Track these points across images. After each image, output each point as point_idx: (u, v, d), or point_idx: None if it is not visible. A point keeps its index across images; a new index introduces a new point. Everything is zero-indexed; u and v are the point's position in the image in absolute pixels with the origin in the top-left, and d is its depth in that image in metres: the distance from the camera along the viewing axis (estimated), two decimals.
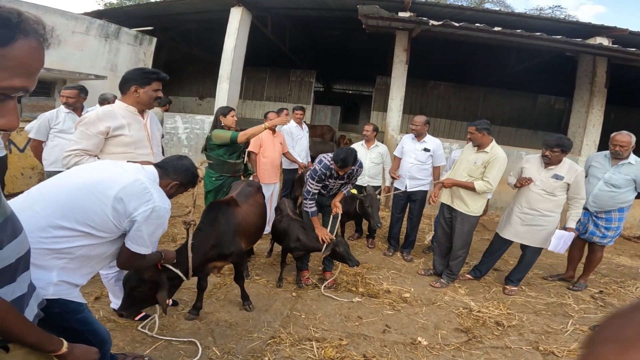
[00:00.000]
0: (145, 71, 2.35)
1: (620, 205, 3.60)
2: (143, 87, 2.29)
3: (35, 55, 0.81)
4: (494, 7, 15.61)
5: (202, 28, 10.34)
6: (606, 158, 3.68)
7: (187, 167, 1.84)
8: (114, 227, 1.47)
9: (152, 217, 1.50)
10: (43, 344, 1.09)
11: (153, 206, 1.50)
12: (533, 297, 3.63)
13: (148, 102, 2.35)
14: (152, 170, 1.70)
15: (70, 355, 1.15)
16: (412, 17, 5.94)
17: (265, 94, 12.84)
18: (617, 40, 6.37)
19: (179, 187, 1.82)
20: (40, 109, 6.29)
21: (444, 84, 11.90)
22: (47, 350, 1.10)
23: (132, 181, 1.50)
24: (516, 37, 5.67)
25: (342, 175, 3.36)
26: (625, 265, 4.83)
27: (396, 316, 3.07)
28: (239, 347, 2.46)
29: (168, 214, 1.59)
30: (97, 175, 1.51)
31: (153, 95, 2.33)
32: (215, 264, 2.59)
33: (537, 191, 3.44)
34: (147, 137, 2.42)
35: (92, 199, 1.42)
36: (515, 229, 3.57)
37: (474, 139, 3.60)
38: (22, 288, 1.07)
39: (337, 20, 9.03)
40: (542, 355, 2.69)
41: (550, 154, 3.32)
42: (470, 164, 3.58)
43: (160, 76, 2.34)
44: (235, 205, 2.74)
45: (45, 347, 1.09)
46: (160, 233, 1.62)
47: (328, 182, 3.44)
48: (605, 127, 6.70)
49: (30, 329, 1.06)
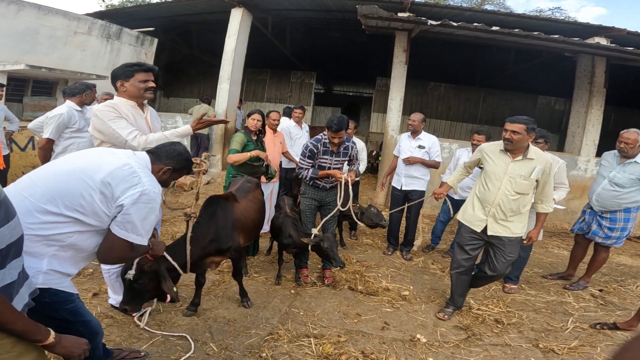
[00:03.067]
0: (126, 65, 2.34)
1: (626, 205, 3.55)
2: (127, 80, 2.29)
3: None
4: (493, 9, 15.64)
5: (203, 29, 10.39)
6: (615, 156, 3.64)
7: (179, 152, 1.81)
8: (103, 214, 1.43)
9: (141, 201, 1.46)
10: (29, 332, 1.07)
11: (142, 190, 1.47)
12: (533, 295, 3.62)
13: (138, 94, 2.33)
14: (143, 156, 1.68)
15: (57, 346, 1.13)
16: (410, 17, 5.96)
17: (266, 95, 12.87)
18: (616, 40, 6.39)
19: (173, 173, 1.79)
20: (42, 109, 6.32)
21: (444, 85, 11.91)
22: (33, 339, 1.08)
23: (121, 165, 1.48)
24: (514, 36, 5.69)
25: (338, 152, 3.27)
26: (625, 265, 4.82)
27: (395, 313, 3.06)
28: (237, 343, 2.45)
29: (159, 198, 1.56)
30: (86, 160, 1.49)
31: (141, 87, 2.30)
32: (213, 259, 2.59)
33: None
34: (148, 130, 2.45)
35: (80, 183, 1.40)
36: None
37: (519, 141, 2.72)
38: (12, 275, 1.06)
39: (338, 22, 9.06)
40: (542, 352, 2.67)
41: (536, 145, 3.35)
42: (516, 177, 2.75)
43: (144, 67, 2.32)
44: (234, 201, 2.74)
45: (31, 336, 1.08)
46: (153, 220, 1.57)
47: (323, 160, 3.31)
48: (606, 128, 6.70)
49: (17, 317, 1.05)
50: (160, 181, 1.67)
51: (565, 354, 2.66)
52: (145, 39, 8.65)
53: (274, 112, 4.43)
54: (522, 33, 5.50)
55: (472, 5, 16.53)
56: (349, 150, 3.34)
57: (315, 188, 3.44)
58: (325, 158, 3.31)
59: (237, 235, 2.66)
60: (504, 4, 18.08)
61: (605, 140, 6.76)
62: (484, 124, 11.79)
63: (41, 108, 6.47)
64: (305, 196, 3.49)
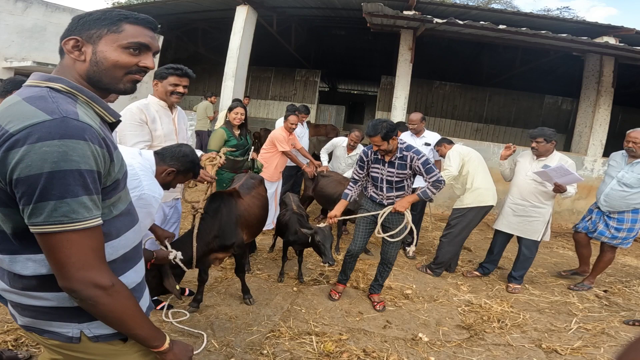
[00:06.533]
0: (166, 66, 2.41)
1: (634, 206, 3.53)
2: (161, 80, 2.39)
3: None
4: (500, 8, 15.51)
5: (209, 27, 10.41)
6: (623, 157, 3.63)
7: (185, 153, 1.77)
8: None
9: (136, 205, 1.40)
10: (152, 338, 1.01)
11: (139, 194, 1.44)
12: (537, 295, 3.59)
13: (164, 96, 2.42)
14: (149, 156, 1.67)
15: (169, 353, 1.06)
16: (416, 15, 5.92)
17: (270, 93, 12.88)
18: (625, 40, 6.31)
19: (177, 175, 1.75)
20: None
21: (449, 84, 11.84)
22: (152, 345, 1.02)
23: None
24: (522, 35, 5.64)
25: (391, 161, 2.83)
26: (630, 265, 4.77)
27: (397, 312, 3.05)
28: (238, 339, 2.46)
29: (157, 203, 1.53)
30: None
31: (169, 90, 2.39)
32: (216, 255, 2.59)
33: (529, 181, 3.52)
34: (174, 132, 2.51)
35: None
36: (508, 219, 3.65)
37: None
38: (139, 276, 1.11)
39: (343, 20, 9.03)
40: (545, 353, 2.65)
41: (537, 145, 3.50)
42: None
43: (179, 71, 2.38)
44: (237, 197, 2.74)
45: (152, 341, 1.02)
46: (148, 222, 1.55)
47: (375, 170, 2.92)
48: (613, 128, 6.63)
49: (145, 320, 1.00)
50: (163, 183, 1.65)
51: (568, 354, 2.64)
52: None
53: (292, 116, 4.37)
54: (530, 32, 5.45)
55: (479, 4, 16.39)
56: (407, 161, 2.82)
57: (372, 202, 3.06)
58: (376, 167, 2.92)
59: (241, 231, 2.67)
60: (511, 3, 17.91)
61: (613, 140, 6.70)
62: (489, 123, 11.72)
63: None
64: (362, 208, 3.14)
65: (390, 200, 2.95)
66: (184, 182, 1.91)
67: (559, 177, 3.25)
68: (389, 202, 2.95)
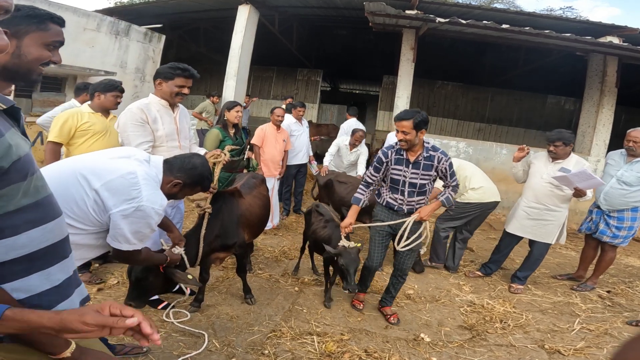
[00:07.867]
0: (171, 66, 2.40)
1: (634, 204, 3.52)
2: (166, 81, 2.38)
3: None
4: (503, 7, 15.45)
5: (211, 27, 10.43)
6: (622, 155, 3.63)
7: (194, 165, 1.66)
8: (95, 220, 1.37)
9: (134, 215, 1.38)
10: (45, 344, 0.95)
11: (137, 205, 1.37)
12: (539, 295, 3.58)
13: (168, 96, 2.41)
14: (158, 163, 1.59)
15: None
16: (419, 14, 5.91)
17: (272, 92, 12.88)
18: (629, 39, 6.28)
19: (183, 187, 1.65)
20: (51, 104, 6.37)
21: (451, 84, 11.81)
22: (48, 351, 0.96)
23: (124, 174, 1.38)
24: (525, 34, 5.61)
25: (417, 161, 2.56)
26: (634, 266, 4.74)
27: (399, 312, 3.04)
28: (239, 339, 2.45)
29: (157, 215, 1.46)
30: (94, 162, 1.42)
31: (174, 91, 2.38)
32: (218, 255, 2.59)
33: (544, 184, 3.45)
34: (176, 131, 2.50)
35: (77, 187, 1.33)
36: (522, 222, 3.58)
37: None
38: (51, 281, 1.01)
39: (345, 20, 9.03)
40: (548, 353, 2.64)
41: (555, 149, 3.40)
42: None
43: (186, 73, 2.37)
44: (239, 196, 2.74)
45: (47, 347, 0.95)
46: (147, 232, 1.50)
47: (396, 172, 2.61)
48: (616, 128, 6.60)
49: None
50: (168, 194, 1.58)
51: (571, 355, 2.62)
52: (153, 35, 8.68)
53: (278, 109, 4.41)
54: (533, 31, 5.42)
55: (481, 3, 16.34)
56: (433, 161, 2.56)
57: (389, 209, 2.77)
58: (398, 169, 2.60)
59: (242, 231, 2.66)
60: (513, 2, 17.81)
61: (616, 140, 6.64)
62: (492, 123, 11.69)
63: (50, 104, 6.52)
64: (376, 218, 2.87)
65: (410, 206, 2.65)
66: (191, 194, 1.80)
67: (581, 181, 3.16)
68: (409, 208, 2.66)
